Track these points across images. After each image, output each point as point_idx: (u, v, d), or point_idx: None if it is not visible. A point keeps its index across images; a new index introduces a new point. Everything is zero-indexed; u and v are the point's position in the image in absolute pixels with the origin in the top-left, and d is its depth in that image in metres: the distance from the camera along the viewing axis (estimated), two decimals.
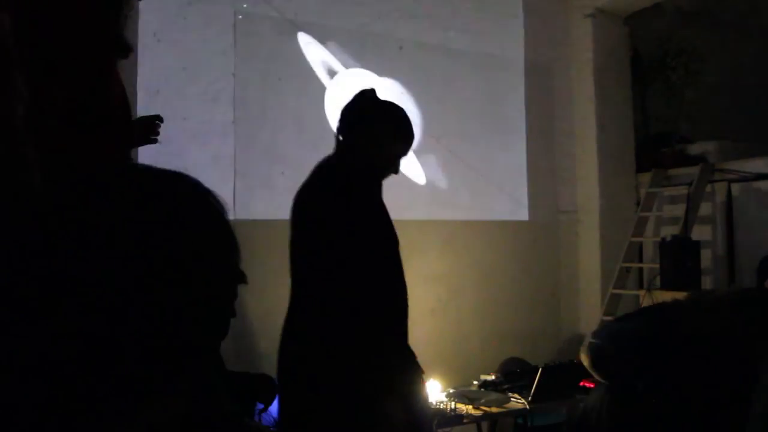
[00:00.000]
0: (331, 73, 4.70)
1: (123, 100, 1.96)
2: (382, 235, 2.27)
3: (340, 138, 2.46)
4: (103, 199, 0.63)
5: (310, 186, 2.37)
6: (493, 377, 4.09)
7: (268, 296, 4.33)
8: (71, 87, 1.60)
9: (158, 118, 2.26)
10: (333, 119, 4.63)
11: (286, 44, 4.53)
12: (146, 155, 3.90)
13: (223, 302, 0.70)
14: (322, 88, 4.64)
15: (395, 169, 2.49)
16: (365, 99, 2.47)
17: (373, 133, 2.40)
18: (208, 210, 0.69)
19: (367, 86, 2.50)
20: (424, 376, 2.33)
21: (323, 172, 2.38)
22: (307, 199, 2.33)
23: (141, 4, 4.06)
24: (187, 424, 0.69)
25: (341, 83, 4.65)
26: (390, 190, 5.09)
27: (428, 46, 5.07)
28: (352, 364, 2.05)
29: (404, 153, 2.49)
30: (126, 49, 1.86)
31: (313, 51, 4.64)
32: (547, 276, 5.51)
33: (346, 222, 2.20)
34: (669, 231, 5.38)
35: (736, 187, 5.21)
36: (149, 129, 2.24)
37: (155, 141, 2.26)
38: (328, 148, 2.46)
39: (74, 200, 0.63)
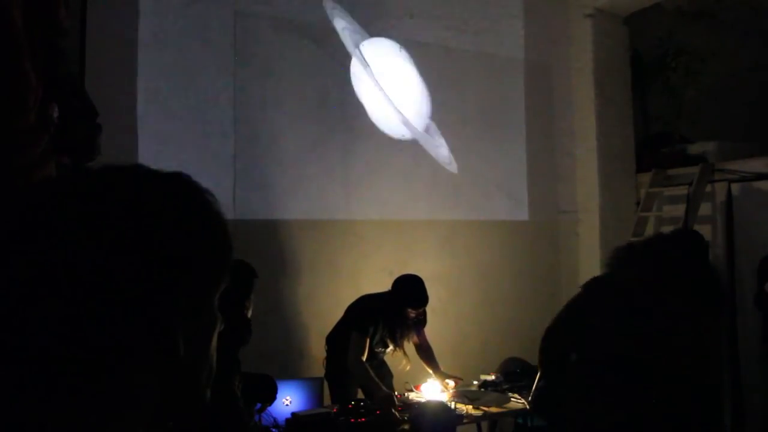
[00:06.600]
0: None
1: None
2: None
3: None
4: (98, 199, 0.64)
5: None
6: (493, 377, 4.09)
7: (267, 295, 4.34)
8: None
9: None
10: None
11: (286, 44, 4.53)
12: (147, 155, 3.90)
13: (216, 298, 0.71)
14: (322, 88, 4.64)
15: None
16: None
17: None
18: (204, 209, 0.70)
19: None
20: None
21: None
22: None
23: (141, 4, 4.08)
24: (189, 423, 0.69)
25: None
26: (391, 190, 5.08)
27: (428, 46, 5.07)
28: None
29: None
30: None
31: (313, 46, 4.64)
32: (547, 276, 5.51)
33: None
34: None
35: (736, 187, 5.21)
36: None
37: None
38: (327, 148, 2.47)
39: (69, 198, 0.64)
